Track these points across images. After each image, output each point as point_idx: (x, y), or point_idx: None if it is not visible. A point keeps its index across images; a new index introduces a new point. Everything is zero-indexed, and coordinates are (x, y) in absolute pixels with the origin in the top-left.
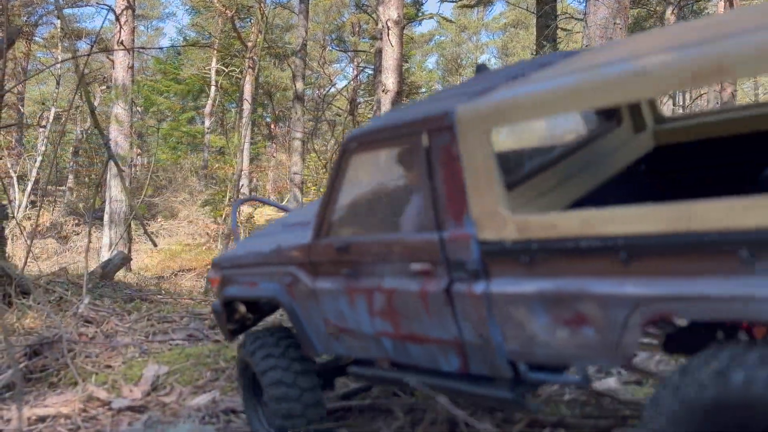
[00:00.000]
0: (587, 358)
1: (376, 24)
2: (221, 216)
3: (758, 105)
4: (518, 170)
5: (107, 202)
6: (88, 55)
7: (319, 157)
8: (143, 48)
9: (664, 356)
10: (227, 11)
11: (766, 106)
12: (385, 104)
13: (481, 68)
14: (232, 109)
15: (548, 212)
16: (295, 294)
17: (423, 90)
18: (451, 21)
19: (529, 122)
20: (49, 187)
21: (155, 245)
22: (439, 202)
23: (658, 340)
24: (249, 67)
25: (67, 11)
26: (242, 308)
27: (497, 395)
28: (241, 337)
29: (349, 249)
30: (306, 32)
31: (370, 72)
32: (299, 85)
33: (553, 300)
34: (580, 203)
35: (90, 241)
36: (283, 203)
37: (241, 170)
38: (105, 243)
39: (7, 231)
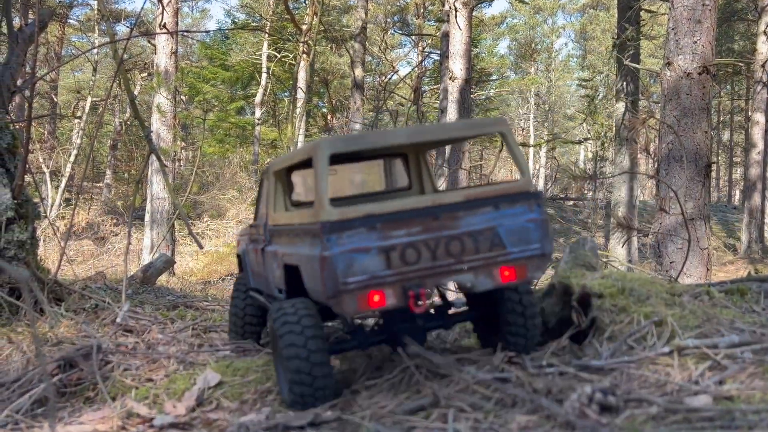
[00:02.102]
0: (278, 288)
1: (443, 5)
2: None
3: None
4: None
5: (149, 200)
6: (128, 39)
7: None
8: (188, 31)
9: None
10: None
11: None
12: (453, 92)
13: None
14: (285, 99)
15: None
16: (247, 251)
17: (494, 77)
18: (524, 2)
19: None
20: (85, 183)
21: (201, 247)
22: (268, 206)
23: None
24: (303, 52)
25: None
26: None
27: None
28: None
29: (253, 227)
30: (366, 14)
31: (436, 57)
32: (358, 72)
33: (273, 255)
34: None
35: (130, 243)
36: None
37: None
38: (146, 244)
39: (39, 231)
